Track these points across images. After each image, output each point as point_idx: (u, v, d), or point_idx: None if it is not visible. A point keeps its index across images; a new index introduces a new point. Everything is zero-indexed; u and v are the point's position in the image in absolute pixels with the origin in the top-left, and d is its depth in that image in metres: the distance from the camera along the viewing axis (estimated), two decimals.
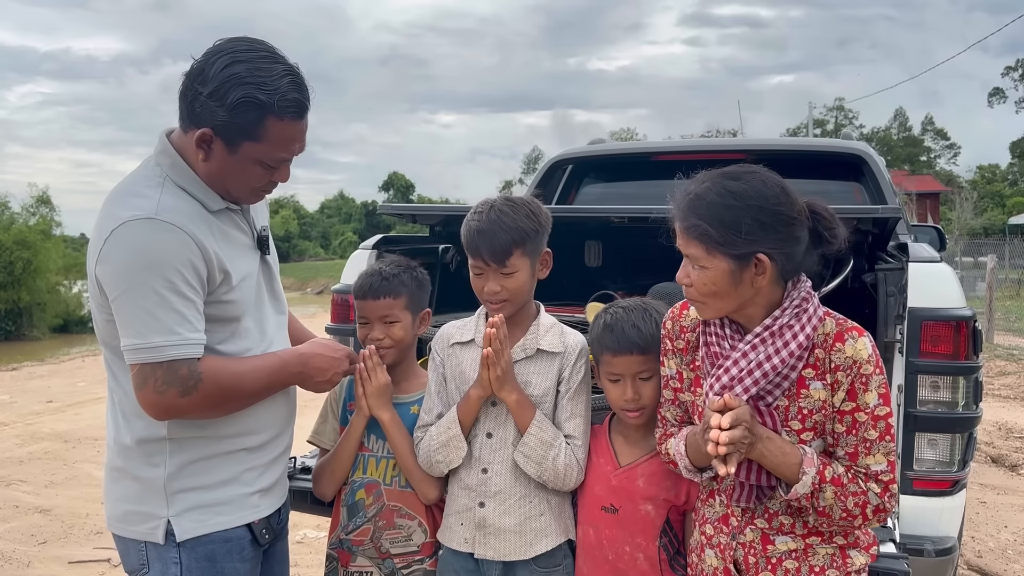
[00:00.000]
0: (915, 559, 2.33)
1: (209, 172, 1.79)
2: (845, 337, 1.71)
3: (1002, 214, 44.72)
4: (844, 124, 65.40)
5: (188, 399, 1.71)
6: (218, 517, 1.84)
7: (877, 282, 2.61)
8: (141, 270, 1.66)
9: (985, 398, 3.06)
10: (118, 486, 1.86)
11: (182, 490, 1.81)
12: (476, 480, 2.07)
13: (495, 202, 2.04)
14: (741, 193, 1.68)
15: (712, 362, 1.78)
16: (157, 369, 1.68)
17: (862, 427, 1.70)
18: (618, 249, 4.02)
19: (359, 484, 2.23)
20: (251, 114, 1.71)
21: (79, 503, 5.59)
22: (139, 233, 1.68)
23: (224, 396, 1.79)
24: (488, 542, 2.05)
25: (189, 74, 1.74)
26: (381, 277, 2.22)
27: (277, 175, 1.85)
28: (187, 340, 1.70)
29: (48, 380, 11.21)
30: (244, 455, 1.88)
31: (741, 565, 1.81)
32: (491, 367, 1.96)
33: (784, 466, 1.68)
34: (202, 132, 1.73)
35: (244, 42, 1.76)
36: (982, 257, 25.51)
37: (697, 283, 1.71)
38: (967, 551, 4.53)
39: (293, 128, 1.77)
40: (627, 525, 2.02)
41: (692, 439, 1.81)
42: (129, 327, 1.68)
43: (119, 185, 1.80)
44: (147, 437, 1.80)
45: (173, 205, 1.74)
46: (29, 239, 22.21)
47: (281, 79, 1.72)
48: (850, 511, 1.69)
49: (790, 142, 5.45)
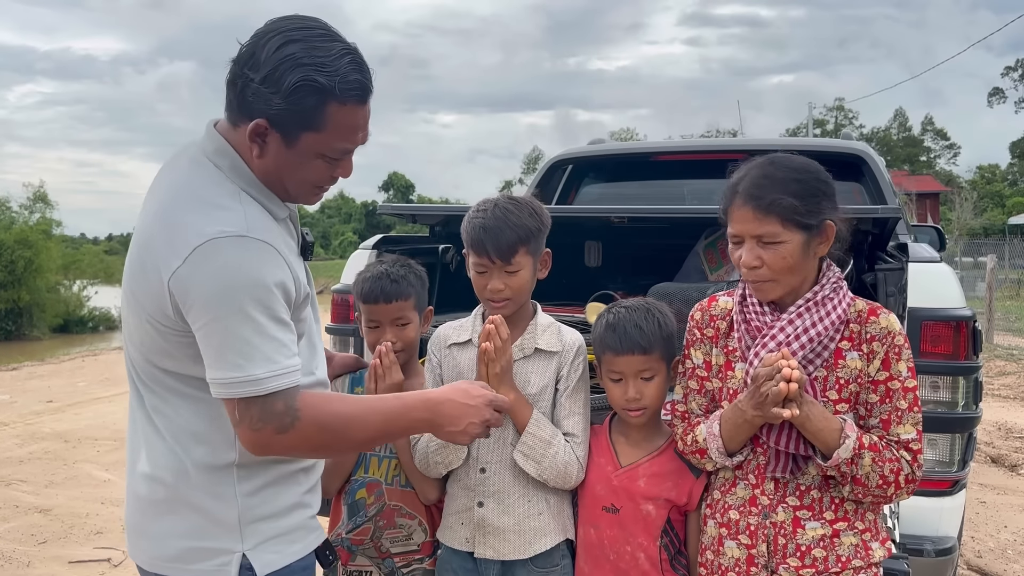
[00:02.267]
0: (915, 559, 2.34)
1: (265, 169, 1.58)
2: (878, 312, 1.86)
3: (1002, 214, 44.71)
4: (844, 124, 65.40)
5: (285, 437, 1.51)
6: (293, 546, 1.64)
7: (877, 282, 2.61)
8: (235, 295, 1.45)
9: (985, 398, 3.07)
10: (167, 520, 1.60)
11: (256, 520, 1.60)
12: (475, 480, 2.07)
13: (498, 200, 2.05)
14: (802, 168, 1.83)
15: (753, 336, 1.86)
16: (252, 405, 1.48)
17: (895, 396, 1.81)
18: (618, 249, 4.02)
19: (360, 483, 2.23)
20: (310, 100, 1.49)
21: (79, 503, 5.59)
22: (231, 253, 1.46)
23: (326, 440, 1.58)
24: (487, 541, 2.05)
25: (237, 60, 1.53)
26: (390, 280, 2.20)
27: (339, 169, 1.63)
28: (286, 368, 1.51)
29: (48, 380, 11.20)
30: (301, 476, 1.69)
31: (771, 546, 1.85)
32: (489, 364, 1.97)
33: (826, 431, 1.76)
34: (256, 124, 1.51)
35: (297, 20, 1.55)
36: (982, 257, 25.50)
37: (771, 261, 1.78)
38: (967, 551, 4.52)
39: (357, 114, 1.56)
40: (628, 525, 2.02)
41: (729, 415, 1.86)
42: (223, 358, 1.47)
43: (182, 189, 1.55)
44: (212, 464, 1.57)
45: (258, 219, 1.55)
46: (30, 238, 22.20)
47: (341, 59, 1.51)
48: (886, 477, 1.78)
49: (790, 142, 5.44)
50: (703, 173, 4.78)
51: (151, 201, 1.59)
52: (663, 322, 2.04)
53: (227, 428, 1.55)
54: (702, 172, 4.79)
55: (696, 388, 1.99)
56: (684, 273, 3.52)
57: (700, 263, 3.49)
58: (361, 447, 1.77)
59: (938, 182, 50.23)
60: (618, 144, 6.56)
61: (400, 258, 2.33)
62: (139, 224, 1.59)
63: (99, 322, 24.20)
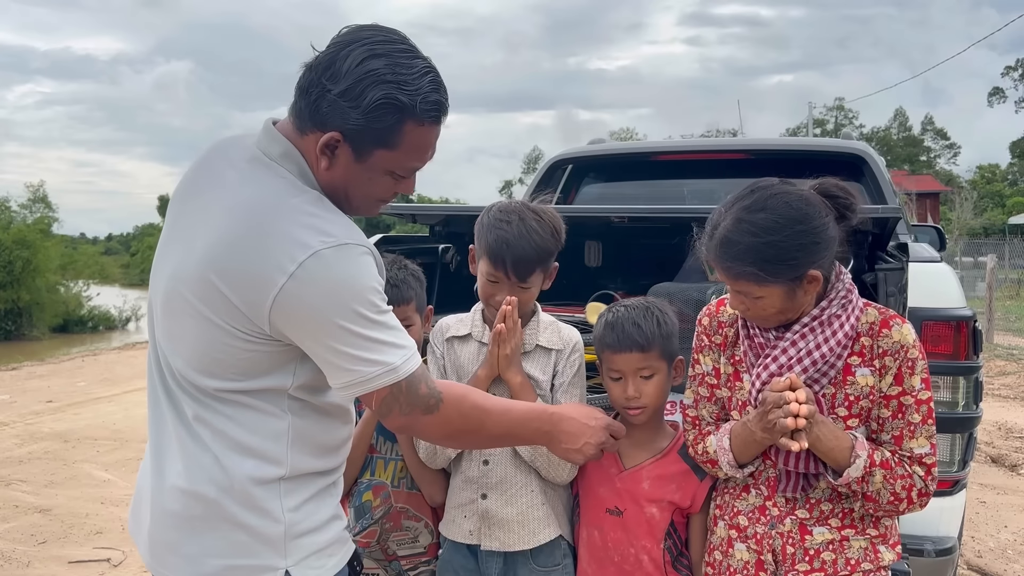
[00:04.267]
0: (915, 559, 2.34)
1: (332, 182, 1.54)
2: (891, 323, 1.78)
3: (1002, 214, 44.69)
4: (844, 124, 65.40)
5: (431, 418, 1.55)
6: (331, 559, 1.61)
7: (877, 282, 2.61)
8: (350, 303, 1.45)
9: (985, 398, 3.06)
10: (207, 538, 1.53)
11: (299, 535, 1.55)
12: (478, 472, 2.08)
13: (523, 212, 2.03)
14: (774, 226, 1.68)
15: (756, 353, 1.81)
16: (399, 392, 1.50)
17: (908, 411, 1.76)
18: (618, 249, 4.02)
19: (366, 486, 2.23)
20: (390, 118, 1.46)
21: (79, 503, 5.58)
22: (340, 263, 1.44)
23: (464, 427, 1.63)
24: (492, 533, 2.06)
25: (314, 67, 1.49)
26: (391, 285, 2.20)
27: (403, 186, 1.60)
28: (413, 350, 1.53)
29: (48, 380, 11.20)
30: (333, 488, 1.67)
31: (779, 555, 1.84)
32: (501, 345, 1.98)
33: (837, 450, 1.73)
34: (330, 136, 1.47)
35: (380, 32, 1.50)
36: (982, 257, 25.50)
37: (754, 310, 1.76)
38: (967, 551, 4.52)
39: (431, 134, 1.54)
40: (632, 528, 2.02)
41: (739, 431, 1.83)
42: (354, 359, 1.46)
43: (263, 194, 1.49)
44: (260, 478, 1.52)
45: (349, 224, 1.53)
46: (28, 238, 22.19)
47: (423, 78, 1.48)
48: (897, 494, 1.75)
49: (790, 142, 5.44)
50: (703, 173, 4.78)
51: (215, 207, 1.51)
52: (662, 320, 2.03)
53: (280, 441, 1.53)
54: (702, 172, 4.78)
55: (707, 395, 1.97)
56: (684, 273, 3.51)
57: (700, 263, 3.48)
58: (485, 444, 1.79)
59: (938, 182, 50.22)
60: (618, 144, 6.55)
61: (397, 259, 2.33)
62: (195, 229, 1.51)
63: (99, 322, 24.20)
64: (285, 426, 1.53)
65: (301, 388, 1.54)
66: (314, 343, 1.47)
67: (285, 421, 1.53)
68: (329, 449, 1.63)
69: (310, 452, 1.57)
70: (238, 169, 1.53)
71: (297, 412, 1.54)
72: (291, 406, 1.54)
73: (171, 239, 1.57)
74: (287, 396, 1.53)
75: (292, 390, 1.53)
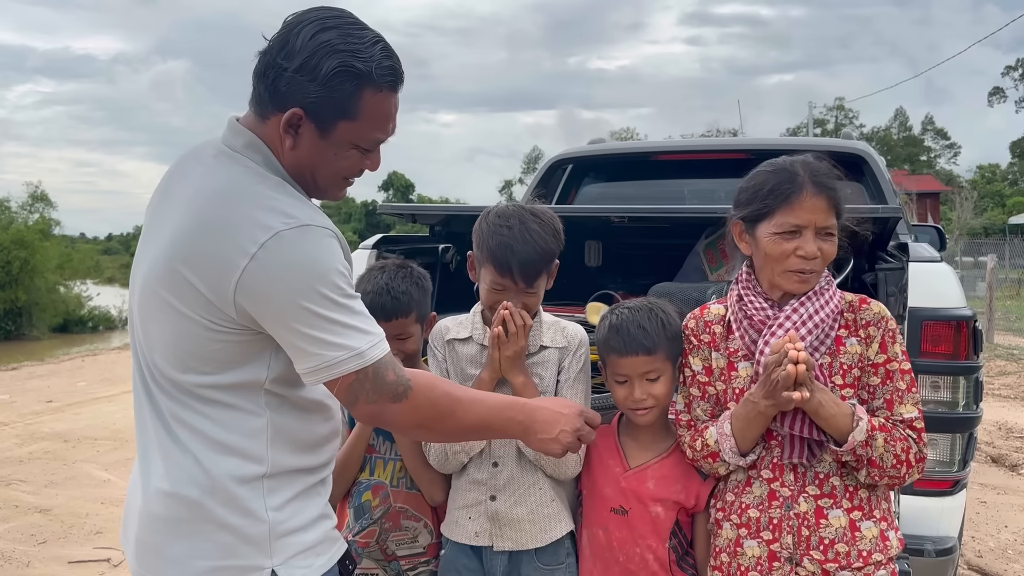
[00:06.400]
0: (915, 559, 2.33)
1: (298, 162, 1.55)
2: (868, 300, 1.95)
3: (1002, 214, 44.70)
4: (844, 123, 65.40)
5: (399, 406, 1.53)
6: (320, 559, 1.59)
7: (877, 282, 2.61)
8: (314, 283, 1.44)
9: (985, 398, 3.06)
10: (190, 541, 1.52)
11: (285, 534, 1.54)
12: (486, 474, 2.08)
13: (522, 215, 2.02)
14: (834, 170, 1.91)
15: (758, 330, 1.90)
16: (364, 379, 1.49)
17: (895, 377, 1.88)
18: (618, 249, 4.02)
19: (366, 485, 2.23)
20: (348, 86, 1.48)
21: (79, 503, 5.58)
22: (301, 243, 1.44)
23: (434, 415, 1.60)
24: (504, 533, 2.06)
25: (267, 51, 1.51)
26: (391, 296, 2.16)
27: (368, 161, 1.61)
28: (380, 336, 1.52)
29: (48, 380, 11.20)
30: (320, 487, 1.66)
31: (795, 538, 1.86)
32: (503, 347, 1.98)
33: (839, 416, 1.80)
34: (291, 113, 1.49)
35: (327, 10, 1.52)
36: (982, 257, 25.51)
37: (827, 252, 1.87)
38: (967, 551, 4.52)
39: (390, 101, 1.55)
40: (637, 527, 2.02)
41: (740, 412, 1.88)
42: (318, 343, 1.45)
43: (225, 184, 1.50)
44: (242, 477, 1.51)
45: (311, 207, 1.53)
46: (27, 239, 22.18)
47: (374, 46, 1.51)
48: (899, 456, 1.83)
49: (790, 141, 5.44)
50: (703, 173, 4.78)
51: (180, 200, 1.52)
52: (667, 322, 2.03)
53: (259, 438, 1.52)
54: (702, 172, 4.79)
55: (699, 394, 2.00)
56: (684, 273, 3.51)
57: (700, 263, 3.49)
58: (458, 434, 1.76)
59: (938, 182, 50.23)
60: (618, 144, 6.56)
61: (403, 265, 2.28)
62: (164, 225, 1.53)
63: (99, 322, 24.19)
64: (263, 423, 1.52)
65: (277, 382, 1.53)
66: (279, 326, 1.46)
67: (263, 418, 1.52)
68: (311, 446, 1.62)
69: (291, 449, 1.56)
70: (204, 164, 1.56)
71: (275, 408, 1.54)
72: (269, 402, 1.53)
73: (144, 240, 1.59)
74: (263, 391, 1.53)
75: (268, 384, 1.53)
